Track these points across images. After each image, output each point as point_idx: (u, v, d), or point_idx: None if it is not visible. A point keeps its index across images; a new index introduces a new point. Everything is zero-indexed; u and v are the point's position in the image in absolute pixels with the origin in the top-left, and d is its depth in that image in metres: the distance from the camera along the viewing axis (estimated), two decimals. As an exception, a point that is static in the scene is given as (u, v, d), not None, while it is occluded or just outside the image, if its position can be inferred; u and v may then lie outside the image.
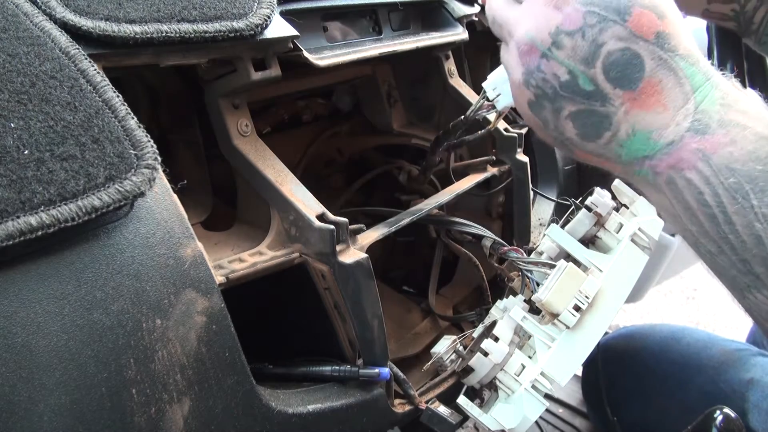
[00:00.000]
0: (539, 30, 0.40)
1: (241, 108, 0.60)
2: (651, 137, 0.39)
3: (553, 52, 0.40)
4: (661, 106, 0.39)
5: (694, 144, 0.38)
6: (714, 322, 2.21)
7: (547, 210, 0.93)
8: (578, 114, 0.41)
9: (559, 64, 0.40)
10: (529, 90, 0.42)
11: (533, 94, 0.42)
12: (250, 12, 0.55)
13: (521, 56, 0.42)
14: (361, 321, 0.57)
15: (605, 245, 0.67)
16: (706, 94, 0.38)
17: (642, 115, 0.39)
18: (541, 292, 0.57)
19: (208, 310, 0.45)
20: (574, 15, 0.39)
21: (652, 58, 0.38)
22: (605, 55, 0.38)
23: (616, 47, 0.38)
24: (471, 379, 0.62)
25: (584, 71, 0.39)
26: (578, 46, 0.39)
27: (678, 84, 0.38)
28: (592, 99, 0.40)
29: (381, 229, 0.63)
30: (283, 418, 0.51)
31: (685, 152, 0.38)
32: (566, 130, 0.42)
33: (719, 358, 0.88)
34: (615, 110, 0.39)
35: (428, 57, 0.83)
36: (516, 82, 0.43)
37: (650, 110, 0.39)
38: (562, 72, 0.40)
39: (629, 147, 0.40)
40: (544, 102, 0.42)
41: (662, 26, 0.38)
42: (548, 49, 0.40)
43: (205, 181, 0.66)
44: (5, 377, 0.36)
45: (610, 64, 0.38)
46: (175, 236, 0.45)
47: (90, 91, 0.43)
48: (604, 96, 0.39)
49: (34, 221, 0.37)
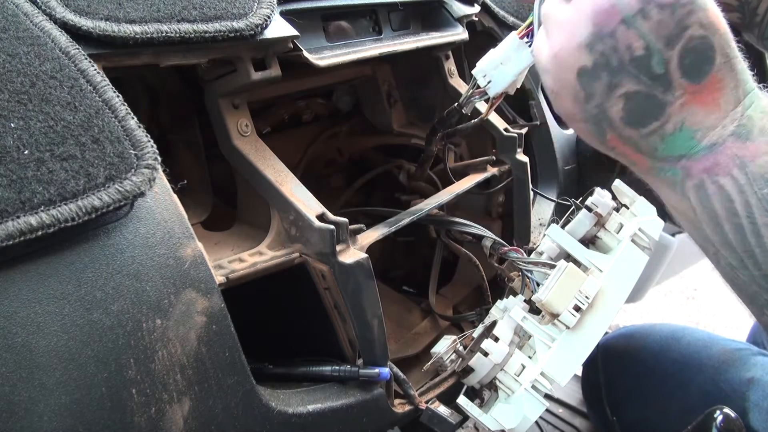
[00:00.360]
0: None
1: (241, 108, 0.60)
2: (695, 136, 0.38)
3: (636, 21, 0.37)
4: (716, 106, 0.38)
5: (734, 149, 0.37)
6: (714, 322, 2.21)
7: (547, 210, 0.93)
8: (634, 95, 0.38)
9: (638, 36, 0.37)
10: (591, 55, 0.38)
11: (592, 61, 0.38)
12: (250, 12, 0.55)
13: (596, 14, 0.38)
14: (361, 321, 0.57)
15: (605, 245, 0.67)
16: (753, 100, 0.38)
17: (695, 112, 0.38)
18: (541, 292, 0.57)
19: (208, 310, 0.45)
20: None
21: (722, 54, 0.37)
22: (686, 40, 0.37)
23: (698, 33, 0.37)
24: (471, 379, 0.62)
25: (662, 50, 0.37)
26: (664, 22, 0.36)
27: (735, 86, 0.38)
28: (657, 82, 0.38)
29: (381, 229, 0.63)
30: (283, 418, 0.51)
31: (723, 157, 0.38)
32: (611, 110, 0.39)
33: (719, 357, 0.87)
34: (673, 100, 0.38)
35: (428, 57, 0.83)
36: (575, 41, 0.38)
37: (706, 108, 0.38)
38: (639, 46, 0.37)
39: (671, 142, 0.39)
40: (602, 73, 0.38)
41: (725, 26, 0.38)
42: (632, 16, 0.37)
43: (205, 181, 0.66)
44: (5, 377, 0.36)
45: (689, 50, 0.37)
46: (175, 236, 0.45)
47: (90, 91, 0.43)
48: (669, 83, 0.38)
49: (34, 221, 0.37)
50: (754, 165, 0.37)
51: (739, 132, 0.37)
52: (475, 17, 0.88)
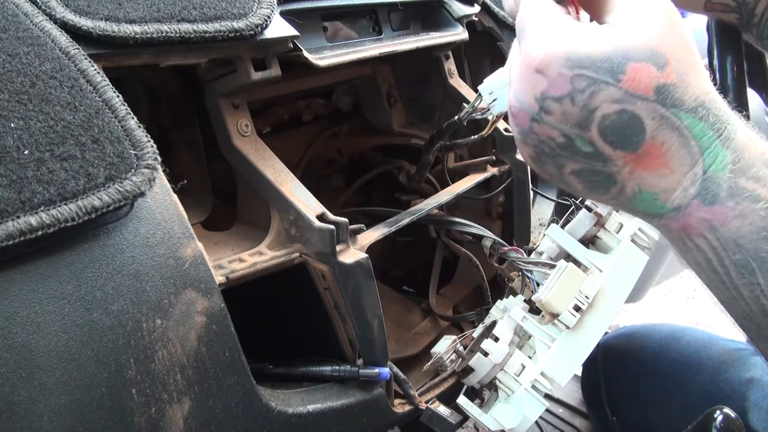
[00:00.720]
0: (525, 94, 0.37)
1: (241, 108, 0.60)
2: (658, 198, 0.37)
3: (542, 117, 0.37)
4: (666, 169, 0.36)
5: (701, 213, 0.36)
6: (714, 322, 2.21)
7: (547, 210, 0.93)
8: (581, 172, 0.38)
9: (551, 128, 0.37)
10: (528, 146, 0.40)
11: (533, 150, 0.40)
12: (250, 12, 0.55)
13: (513, 117, 0.39)
14: (361, 321, 0.57)
15: (605, 245, 0.67)
16: (715, 156, 0.35)
17: (646, 176, 0.37)
18: (541, 292, 0.57)
19: (208, 310, 0.45)
20: (560, 80, 0.35)
21: (652, 118, 0.35)
22: (600, 120, 0.35)
23: (611, 110, 0.35)
24: (471, 379, 0.62)
25: (580, 134, 0.36)
26: (568, 112, 0.36)
27: (684, 145, 0.35)
28: (593, 159, 0.37)
29: (381, 229, 0.63)
30: (283, 418, 0.51)
31: (692, 220, 0.36)
32: (573, 184, 0.40)
33: (719, 357, 0.87)
34: (618, 170, 0.37)
35: (428, 57, 0.83)
36: (516, 137, 0.41)
37: (654, 172, 0.36)
38: (556, 135, 0.37)
39: (637, 204, 0.38)
40: (545, 158, 0.39)
41: (663, 77, 0.34)
42: (537, 114, 0.37)
43: (205, 181, 0.66)
44: (5, 377, 0.36)
45: (606, 127, 0.35)
46: (175, 236, 0.45)
47: (90, 91, 0.43)
48: (605, 157, 0.37)
49: (34, 221, 0.37)
50: (724, 230, 0.36)
51: (703, 195, 0.36)
52: (475, 17, 0.88)
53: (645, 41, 0.35)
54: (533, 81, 0.36)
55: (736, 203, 0.35)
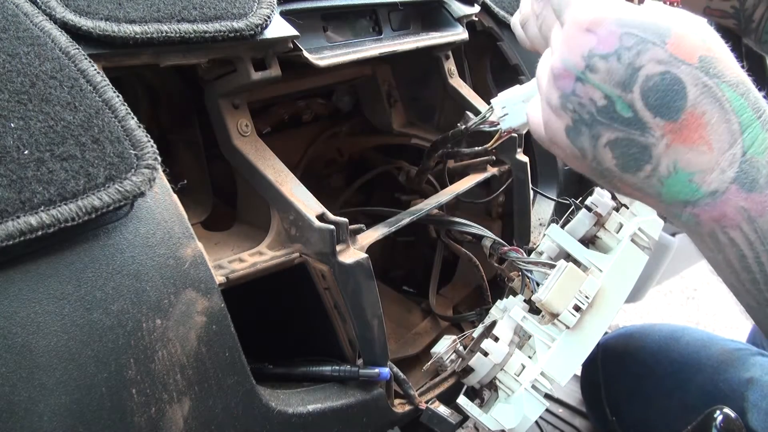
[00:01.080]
0: (572, 53, 0.37)
1: (241, 108, 0.60)
2: (693, 179, 0.36)
3: (587, 76, 0.37)
4: (705, 144, 0.35)
5: (739, 201, 0.35)
6: (714, 322, 2.21)
7: (547, 210, 0.93)
8: (617, 142, 0.38)
9: (594, 87, 0.37)
10: (567, 114, 0.39)
11: (571, 119, 0.39)
12: (250, 12, 0.55)
13: (556, 80, 0.39)
14: (361, 321, 0.57)
15: (605, 245, 0.67)
16: (755, 136, 0.34)
17: (684, 151, 0.36)
18: (541, 292, 0.57)
19: (208, 310, 0.45)
20: (609, 37, 0.36)
21: (695, 85, 0.35)
22: (644, 80, 0.35)
23: (656, 71, 0.35)
24: (471, 379, 0.62)
25: (621, 96, 0.36)
26: (613, 70, 0.36)
27: (725, 119, 0.35)
28: (631, 126, 0.37)
29: (381, 229, 0.63)
30: (283, 418, 0.51)
31: (729, 208, 0.35)
32: (605, 160, 0.39)
33: (718, 357, 0.88)
34: (655, 141, 0.36)
35: (428, 57, 0.83)
36: (553, 106, 0.40)
37: (693, 146, 0.35)
38: (599, 96, 0.37)
39: (670, 186, 0.37)
40: (582, 127, 0.39)
41: (706, 50, 0.35)
42: (582, 72, 0.37)
43: (205, 181, 0.67)
44: (5, 377, 0.36)
45: (649, 89, 0.35)
46: (175, 236, 0.45)
47: (90, 91, 0.43)
48: (644, 124, 0.36)
49: (34, 221, 0.37)
50: (762, 220, 0.34)
51: (741, 180, 0.34)
52: (475, 17, 0.88)
53: (688, 19, 0.36)
54: (582, 40, 0.37)
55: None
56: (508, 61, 0.93)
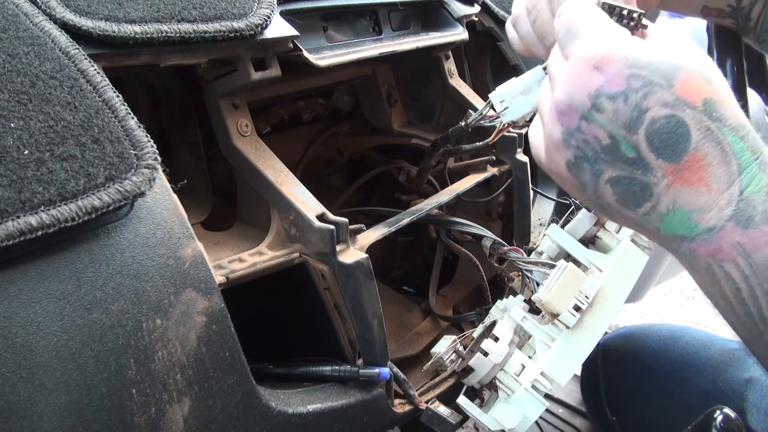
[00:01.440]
0: (579, 91, 0.38)
1: (241, 108, 0.60)
2: (691, 218, 0.37)
3: (593, 115, 0.37)
4: (704, 185, 0.36)
5: (735, 236, 0.36)
6: (714, 322, 2.21)
7: (547, 210, 0.93)
8: (618, 180, 0.38)
9: (599, 127, 0.37)
10: (569, 150, 0.40)
11: (572, 155, 0.40)
12: (250, 12, 0.55)
13: (560, 115, 0.39)
14: (361, 321, 0.57)
15: (605, 245, 0.67)
16: (752, 177, 0.36)
17: (684, 192, 0.37)
18: (541, 292, 0.57)
19: (208, 310, 0.45)
20: (617, 77, 0.36)
21: (698, 128, 0.35)
22: (649, 122, 0.36)
23: (662, 114, 0.36)
24: (471, 379, 0.62)
25: (626, 137, 0.37)
26: (620, 111, 0.36)
27: (724, 161, 0.36)
28: (633, 166, 0.37)
29: (381, 229, 0.63)
30: (283, 418, 0.51)
31: (725, 243, 0.36)
32: (605, 195, 0.39)
33: (718, 357, 0.88)
34: (657, 181, 0.37)
35: (428, 57, 0.83)
36: (554, 140, 0.40)
37: (693, 188, 0.36)
38: (603, 135, 0.38)
39: (668, 223, 0.38)
40: (584, 164, 0.39)
41: (710, 92, 0.36)
42: (588, 111, 0.38)
43: (205, 181, 0.67)
44: (5, 377, 0.36)
45: (654, 131, 0.36)
46: (175, 236, 0.45)
47: (90, 91, 0.43)
48: (646, 165, 0.37)
49: (34, 221, 0.37)
50: (757, 256, 0.35)
51: (738, 217, 0.35)
52: (475, 17, 0.88)
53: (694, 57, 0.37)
54: (589, 78, 0.37)
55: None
56: (508, 61, 0.93)
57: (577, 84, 0.38)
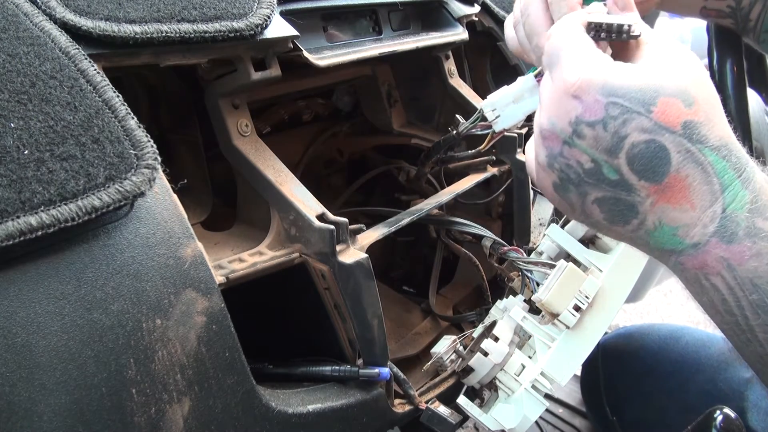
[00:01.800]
0: (560, 117, 0.39)
1: (241, 108, 0.60)
2: (677, 233, 0.38)
3: (574, 141, 0.38)
4: (687, 203, 0.37)
5: (719, 251, 0.37)
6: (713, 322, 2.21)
7: (547, 210, 0.93)
8: (604, 200, 0.39)
9: (581, 152, 0.39)
10: (554, 173, 0.41)
11: (558, 177, 0.41)
12: (250, 12, 0.55)
13: (543, 140, 0.41)
14: (361, 321, 0.57)
15: (605, 245, 0.67)
16: (735, 194, 0.37)
17: (668, 210, 0.38)
18: (541, 292, 0.57)
19: (208, 310, 0.45)
20: (595, 106, 0.37)
21: (678, 151, 0.36)
22: (629, 147, 0.37)
23: (641, 139, 0.36)
24: (471, 379, 0.62)
25: (608, 161, 0.38)
26: (600, 137, 0.37)
27: (706, 181, 0.37)
28: (617, 188, 0.38)
29: (381, 229, 0.63)
30: (283, 418, 0.51)
31: (709, 258, 0.37)
32: (593, 214, 0.41)
33: (718, 357, 0.88)
34: (641, 200, 0.38)
35: (428, 57, 0.83)
36: (540, 162, 0.42)
37: (677, 206, 0.37)
38: (585, 160, 0.39)
39: (656, 238, 0.39)
40: (569, 185, 0.41)
41: (690, 114, 0.36)
42: (569, 137, 0.39)
43: (205, 181, 0.67)
44: (5, 377, 0.36)
45: (634, 156, 0.37)
46: (175, 236, 0.45)
47: (90, 91, 0.43)
48: (630, 186, 0.38)
49: (34, 221, 0.37)
50: (741, 269, 0.36)
51: (721, 233, 0.37)
52: (475, 17, 0.88)
53: (676, 81, 0.37)
54: (569, 105, 0.38)
55: (753, 242, 0.36)
56: (508, 61, 0.93)
57: (557, 111, 0.39)
